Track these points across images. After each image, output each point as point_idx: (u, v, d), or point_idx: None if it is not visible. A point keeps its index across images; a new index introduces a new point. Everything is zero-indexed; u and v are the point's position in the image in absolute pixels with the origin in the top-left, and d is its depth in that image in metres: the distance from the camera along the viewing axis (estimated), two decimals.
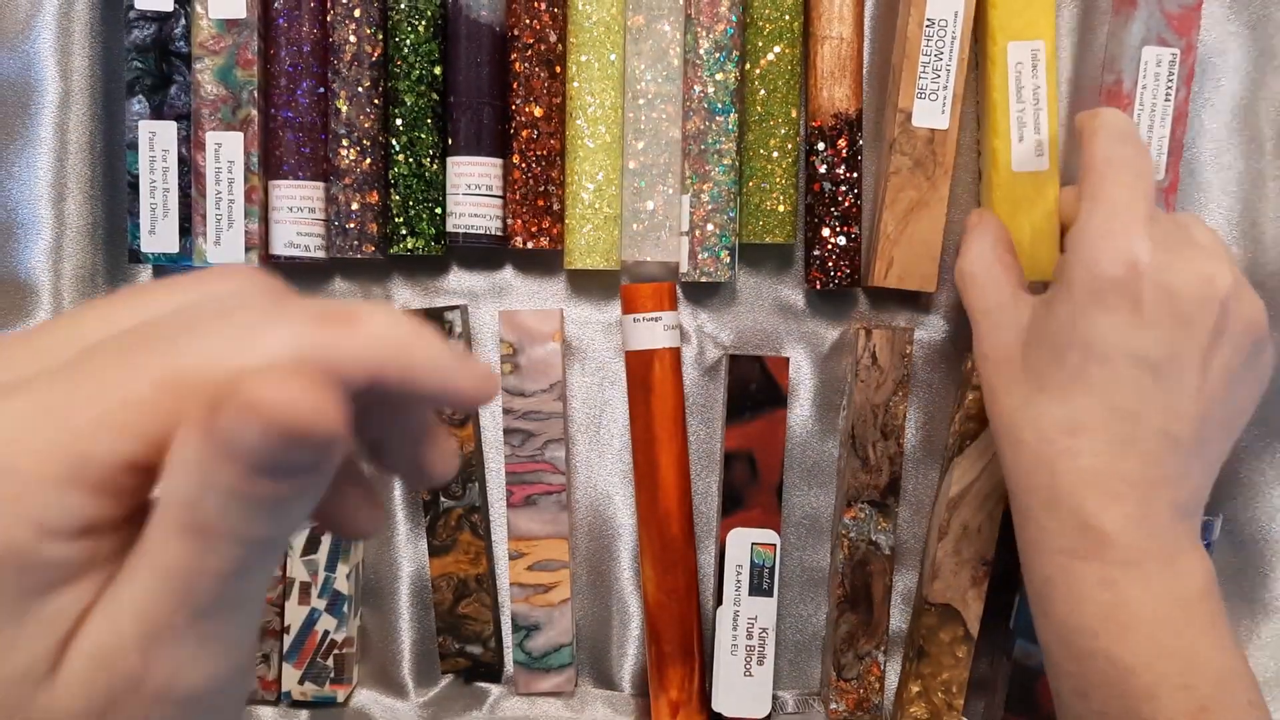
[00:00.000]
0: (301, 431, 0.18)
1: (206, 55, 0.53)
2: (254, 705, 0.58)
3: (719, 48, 0.54)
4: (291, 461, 0.18)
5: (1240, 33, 0.55)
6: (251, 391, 0.18)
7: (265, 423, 0.18)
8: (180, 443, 0.19)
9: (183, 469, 0.19)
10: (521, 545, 0.56)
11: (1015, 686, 0.54)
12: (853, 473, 0.54)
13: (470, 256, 0.58)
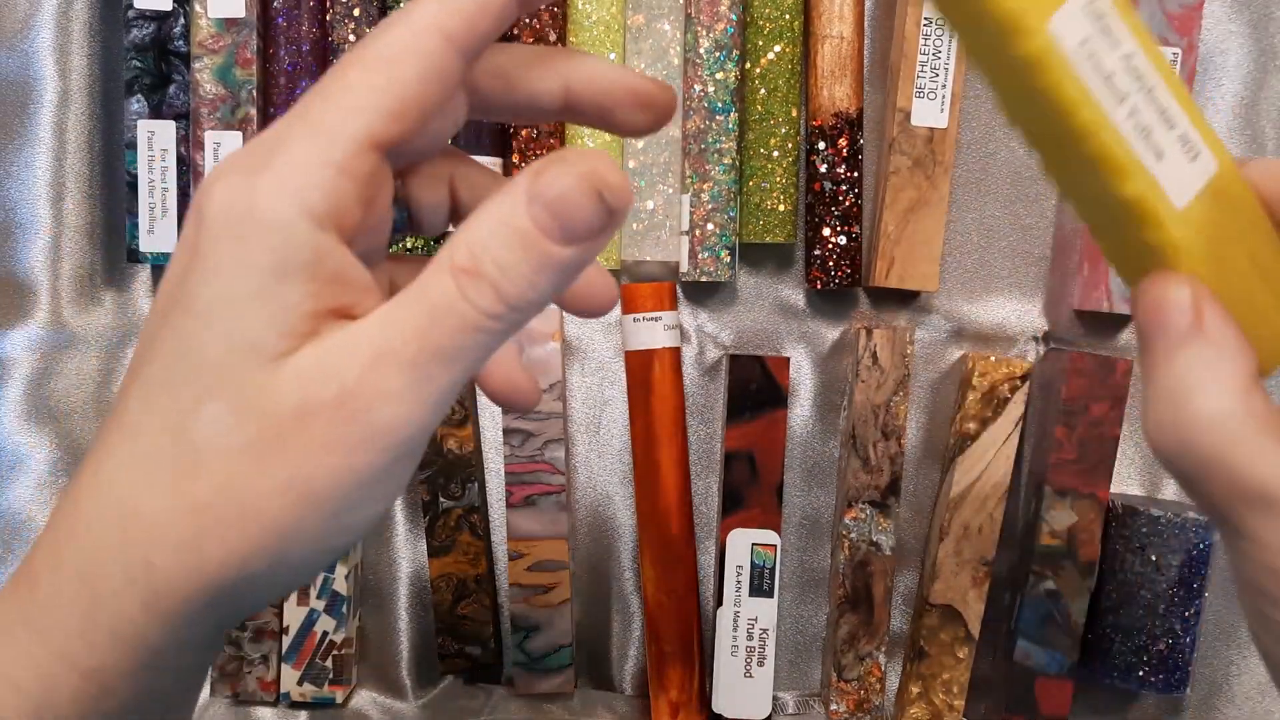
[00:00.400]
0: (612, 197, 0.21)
1: (205, 54, 0.53)
2: (252, 706, 0.58)
3: (719, 47, 0.53)
4: (587, 225, 0.21)
5: (1241, 32, 0.55)
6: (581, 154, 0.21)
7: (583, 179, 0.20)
8: (492, 200, 0.21)
9: (484, 217, 0.21)
10: (521, 546, 0.56)
11: (1016, 687, 0.54)
12: (853, 473, 0.54)
13: None
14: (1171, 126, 0.24)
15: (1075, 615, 0.53)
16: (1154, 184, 0.24)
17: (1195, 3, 0.51)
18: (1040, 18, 0.22)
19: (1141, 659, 0.53)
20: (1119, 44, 0.23)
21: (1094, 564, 0.53)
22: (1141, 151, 0.24)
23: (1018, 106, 0.25)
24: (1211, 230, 0.25)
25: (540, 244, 0.21)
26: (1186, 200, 0.24)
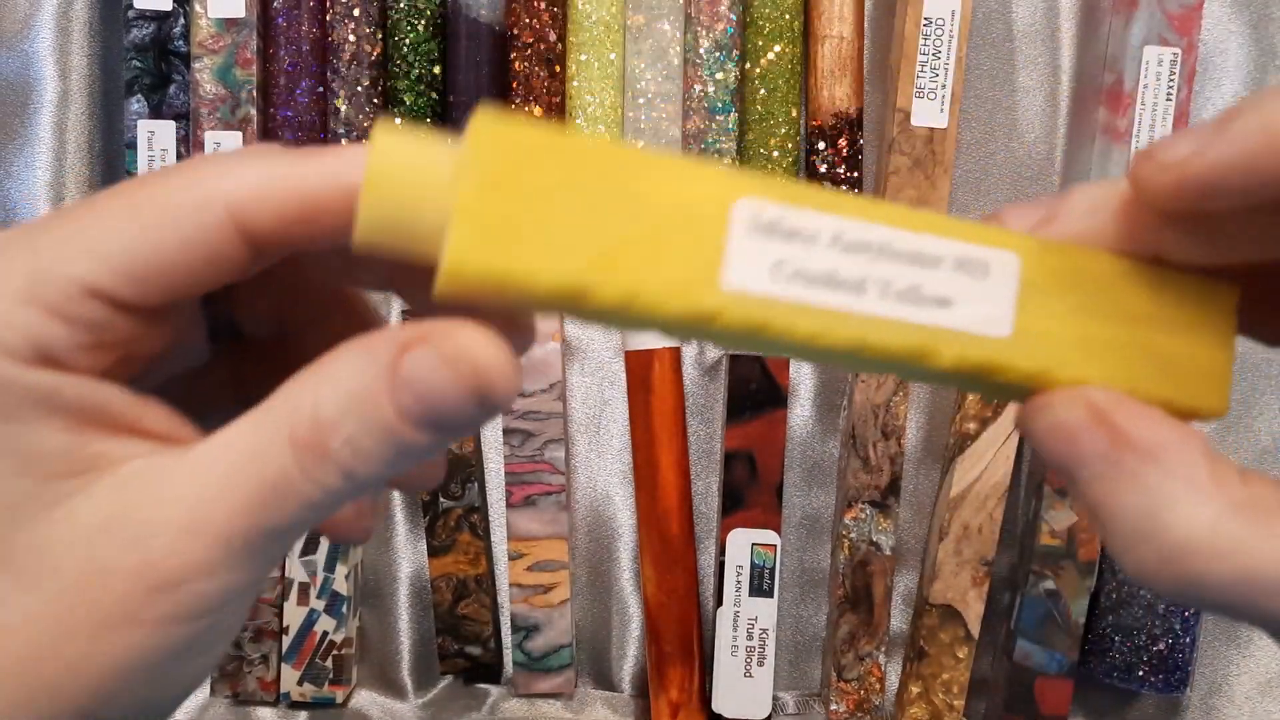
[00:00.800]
0: (491, 395, 0.18)
1: (205, 54, 0.53)
2: (252, 706, 0.58)
3: (719, 47, 0.53)
4: (460, 420, 0.18)
5: (1241, 32, 0.55)
6: (459, 338, 0.18)
7: (461, 375, 0.18)
8: (342, 361, 0.18)
9: (333, 387, 0.18)
10: (521, 545, 0.56)
11: (1015, 687, 0.54)
12: (853, 473, 0.54)
13: None
14: (935, 265, 0.19)
15: (1075, 615, 0.53)
16: (959, 338, 0.19)
17: (1195, 3, 0.51)
18: (708, 279, 0.18)
19: (1141, 659, 0.53)
20: (816, 235, 0.19)
21: (1094, 563, 0.53)
22: (923, 318, 0.19)
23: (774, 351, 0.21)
24: (1058, 322, 0.20)
25: (402, 432, 0.18)
26: (1009, 317, 0.20)
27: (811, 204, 0.19)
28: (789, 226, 0.19)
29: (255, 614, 0.55)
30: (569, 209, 0.18)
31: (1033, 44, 0.56)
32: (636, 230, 0.18)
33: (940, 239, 0.19)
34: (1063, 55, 0.56)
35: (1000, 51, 0.56)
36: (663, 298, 0.18)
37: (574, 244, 0.18)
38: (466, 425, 0.18)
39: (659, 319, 0.18)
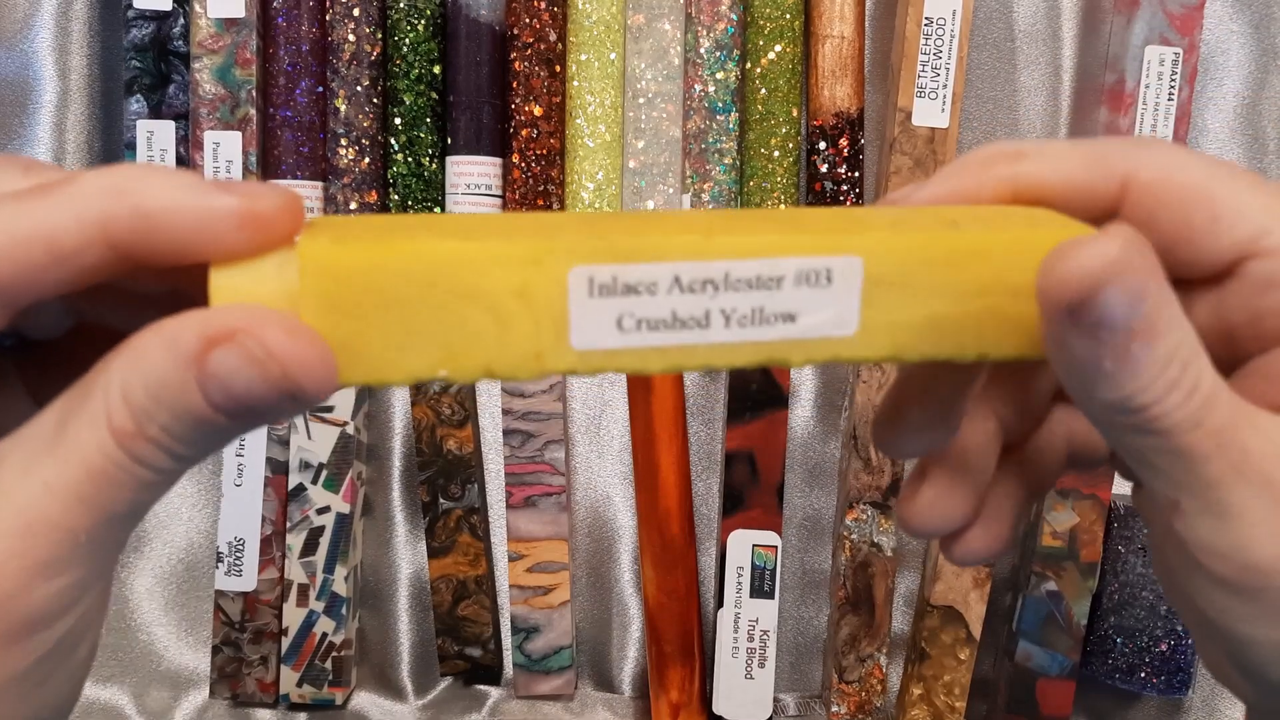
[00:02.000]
0: (302, 394, 0.18)
1: (205, 54, 0.53)
2: (251, 707, 0.57)
3: (720, 46, 0.53)
4: (272, 412, 0.18)
5: (1243, 32, 0.55)
6: (267, 339, 0.17)
7: (269, 376, 0.17)
8: (147, 349, 0.18)
9: (142, 376, 0.18)
10: (521, 547, 0.56)
11: (1017, 688, 0.54)
12: (854, 474, 0.54)
13: None
14: (777, 284, 0.20)
15: (1077, 616, 0.53)
16: (806, 344, 0.20)
17: (1196, 3, 0.51)
18: (557, 343, 0.19)
19: (1143, 660, 0.53)
20: (655, 283, 0.19)
21: (1096, 565, 0.53)
22: (771, 335, 0.20)
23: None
24: (905, 310, 0.20)
25: (214, 420, 0.18)
26: (855, 316, 0.20)
27: (644, 256, 0.19)
28: (625, 282, 0.19)
29: (255, 615, 0.55)
30: (409, 318, 0.18)
31: (1034, 44, 0.56)
32: (477, 322, 0.19)
33: (778, 259, 0.19)
34: (1064, 55, 0.56)
35: (1001, 51, 0.56)
36: (516, 368, 0.19)
37: (420, 347, 0.19)
38: (285, 414, 0.18)
39: (520, 379, 0.19)
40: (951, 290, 0.20)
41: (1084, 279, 0.17)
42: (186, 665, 0.58)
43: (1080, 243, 0.18)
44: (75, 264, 0.18)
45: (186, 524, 0.58)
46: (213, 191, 0.18)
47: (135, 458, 0.18)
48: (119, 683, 0.58)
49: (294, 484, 0.55)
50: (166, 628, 0.58)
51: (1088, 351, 0.18)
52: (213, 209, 0.18)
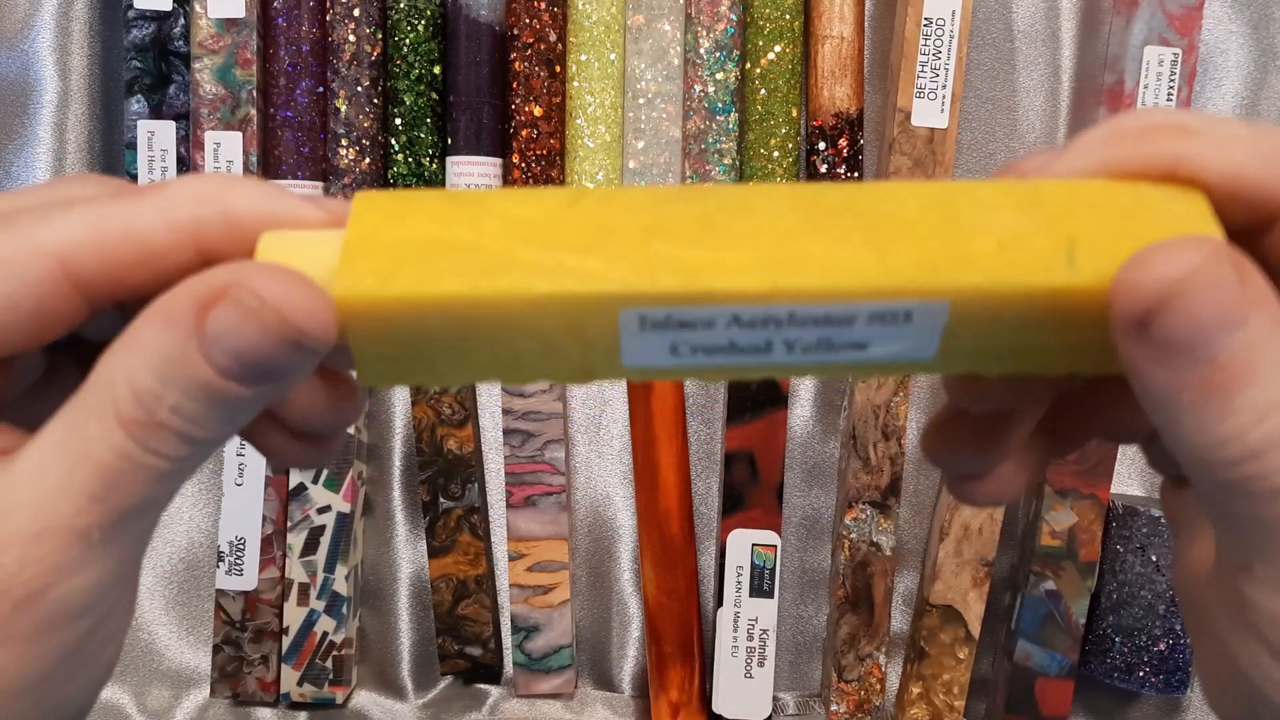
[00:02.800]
0: (305, 338, 0.17)
1: (205, 54, 0.53)
2: (252, 706, 0.58)
3: (719, 47, 0.53)
4: (281, 366, 0.18)
5: (1242, 32, 0.55)
6: (257, 288, 0.17)
7: (268, 325, 0.17)
8: (144, 330, 0.18)
9: (144, 358, 0.17)
10: (521, 546, 0.56)
11: (1016, 688, 0.54)
12: (854, 473, 0.54)
13: None
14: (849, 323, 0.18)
15: (1076, 616, 0.53)
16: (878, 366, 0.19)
17: (1196, 3, 0.51)
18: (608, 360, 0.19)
19: (1142, 659, 0.53)
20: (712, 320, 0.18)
21: (1094, 564, 0.53)
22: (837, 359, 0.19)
23: None
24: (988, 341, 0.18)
25: (227, 388, 0.17)
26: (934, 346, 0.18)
27: (699, 300, 0.18)
28: (680, 320, 0.18)
29: (255, 614, 0.55)
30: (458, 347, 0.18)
31: (1033, 44, 0.56)
32: (528, 348, 0.18)
33: (851, 305, 0.18)
34: (1063, 55, 0.56)
35: (1001, 51, 0.56)
36: (565, 380, 0.19)
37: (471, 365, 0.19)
38: (293, 367, 0.18)
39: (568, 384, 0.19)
40: (1048, 327, 0.18)
41: (1155, 287, 0.15)
42: (187, 664, 0.58)
43: (1161, 245, 0.16)
44: (161, 264, 0.18)
45: (187, 523, 0.58)
46: (297, 202, 0.19)
47: (147, 447, 0.18)
48: (120, 682, 0.58)
49: (295, 483, 0.55)
50: (167, 627, 0.58)
51: (1164, 381, 0.16)
52: (300, 218, 0.19)
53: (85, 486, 0.18)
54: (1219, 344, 0.15)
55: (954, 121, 0.52)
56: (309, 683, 0.56)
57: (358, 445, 0.55)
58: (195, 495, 0.58)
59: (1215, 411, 0.15)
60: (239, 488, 0.55)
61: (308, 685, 0.56)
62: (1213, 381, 0.15)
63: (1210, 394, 0.15)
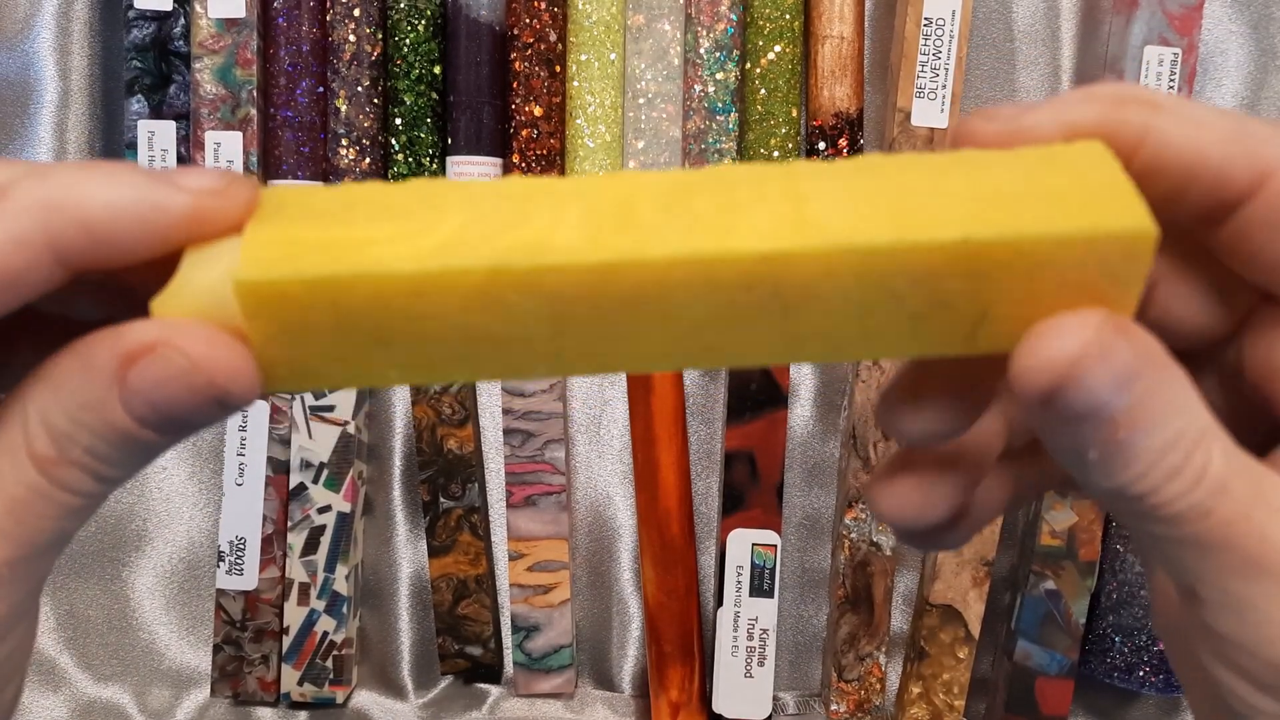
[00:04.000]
0: (230, 399, 0.17)
1: (206, 54, 0.53)
2: (252, 706, 0.58)
3: (719, 47, 0.53)
4: (202, 421, 0.18)
5: (1242, 32, 0.55)
6: (187, 349, 0.17)
7: (195, 386, 0.17)
8: (63, 373, 0.17)
9: (59, 400, 0.17)
10: (521, 546, 0.56)
11: (1016, 687, 0.54)
12: (854, 473, 0.54)
13: None
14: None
15: (1076, 615, 0.53)
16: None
17: (1195, 3, 0.51)
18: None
19: (1142, 659, 0.53)
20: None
21: (1094, 564, 0.53)
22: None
23: None
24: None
25: (140, 435, 0.18)
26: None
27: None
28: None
29: (256, 614, 0.55)
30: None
31: (1033, 44, 0.56)
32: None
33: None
34: (1063, 55, 0.56)
35: (1000, 51, 0.56)
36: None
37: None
38: (211, 422, 0.18)
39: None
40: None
41: (1055, 368, 0.16)
42: (188, 664, 0.58)
43: (1053, 327, 0.16)
44: (25, 283, 0.17)
45: (188, 523, 0.58)
46: (158, 188, 0.17)
47: (58, 484, 0.18)
48: (120, 682, 0.58)
49: (295, 483, 0.55)
50: (168, 626, 0.58)
51: (1071, 440, 0.17)
52: (159, 209, 0.17)
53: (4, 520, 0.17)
54: (1115, 406, 0.16)
55: (954, 121, 0.52)
56: (309, 682, 0.56)
57: (358, 445, 0.55)
58: (195, 495, 0.58)
59: (1119, 461, 0.17)
60: (239, 488, 0.55)
61: (308, 685, 0.56)
62: (1113, 437, 0.17)
63: (1112, 447, 0.17)
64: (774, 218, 0.17)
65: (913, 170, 0.18)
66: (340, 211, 0.18)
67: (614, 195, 0.18)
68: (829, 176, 0.18)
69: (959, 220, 0.17)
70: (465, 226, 0.17)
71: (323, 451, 0.55)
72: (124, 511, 0.58)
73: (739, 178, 0.18)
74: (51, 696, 0.58)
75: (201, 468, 0.58)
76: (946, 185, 0.18)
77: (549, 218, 0.17)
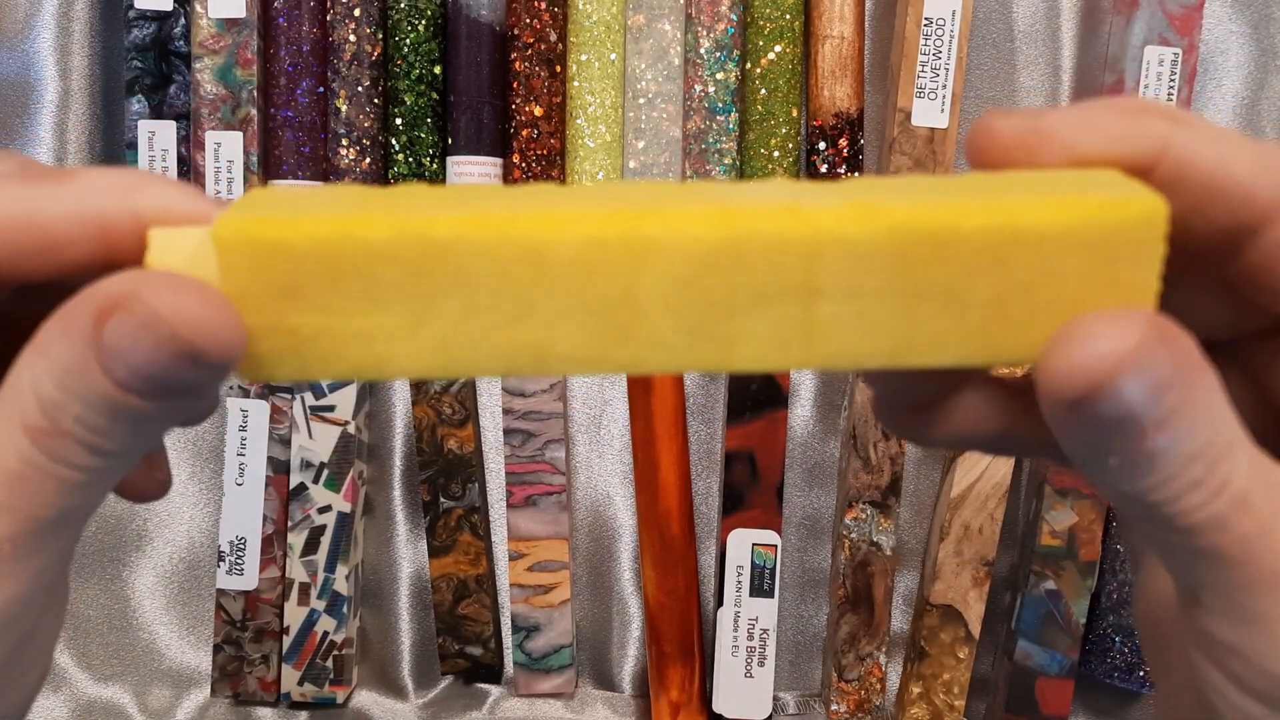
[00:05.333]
0: (201, 354, 0.16)
1: (206, 54, 0.53)
2: (253, 706, 0.58)
3: (719, 47, 0.53)
4: (181, 382, 0.17)
5: (1242, 32, 0.55)
6: (151, 299, 0.16)
7: (160, 340, 0.16)
8: (49, 338, 0.17)
9: (47, 366, 0.17)
10: (521, 546, 0.56)
11: (1016, 687, 0.54)
12: (854, 473, 0.54)
13: None
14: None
15: (1076, 615, 0.53)
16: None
17: (1196, 3, 0.51)
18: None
19: (1142, 659, 0.53)
20: None
21: (1094, 564, 0.53)
22: None
23: None
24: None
25: (128, 402, 0.17)
26: None
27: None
28: None
29: (256, 614, 0.55)
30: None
31: (1033, 44, 0.56)
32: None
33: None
34: (1063, 55, 0.56)
35: (1001, 51, 0.56)
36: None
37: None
38: (197, 384, 0.17)
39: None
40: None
41: (1091, 374, 0.15)
42: (188, 664, 0.58)
43: (1092, 326, 0.15)
44: (64, 255, 0.18)
45: (188, 523, 0.58)
46: (207, 205, 0.18)
47: (54, 456, 0.17)
48: (120, 681, 0.58)
49: (295, 483, 0.55)
50: (168, 626, 0.58)
51: (1092, 445, 0.16)
52: (210, 219, 0.18)
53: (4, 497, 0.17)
54: (1148, 416, 0.16)
55: (954, 121, 0.52)
56: (309, 682, 0.56)
57: (358, 445, 0.55)
58: (195, 495, 0.58)
59: (1141, 469, 0.16)
60: (239, 488, 0.55)
61: (308, 685, 0.56)
62: (1140, 446, 0.16)
63: (1137, 456, 0.16)
64: (782, 330, 0.17)
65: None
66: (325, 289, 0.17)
67: (617, 280, 0.17)
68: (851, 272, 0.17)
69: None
70: (461, 321, 0.17)
71: (323, 451, 0.55)
72: (124, 511, 0.58)
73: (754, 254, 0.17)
74: (51, 696, 0.58)
75: (202, 468, 0.58)
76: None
77: (548, 310, 0.17)
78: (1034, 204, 0.17)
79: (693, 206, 0.17)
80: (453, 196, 0.18)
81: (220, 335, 0.16)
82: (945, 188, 0.18)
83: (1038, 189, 0.17)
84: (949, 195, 0.17)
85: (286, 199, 0.18)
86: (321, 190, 0.19)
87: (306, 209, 0.17)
